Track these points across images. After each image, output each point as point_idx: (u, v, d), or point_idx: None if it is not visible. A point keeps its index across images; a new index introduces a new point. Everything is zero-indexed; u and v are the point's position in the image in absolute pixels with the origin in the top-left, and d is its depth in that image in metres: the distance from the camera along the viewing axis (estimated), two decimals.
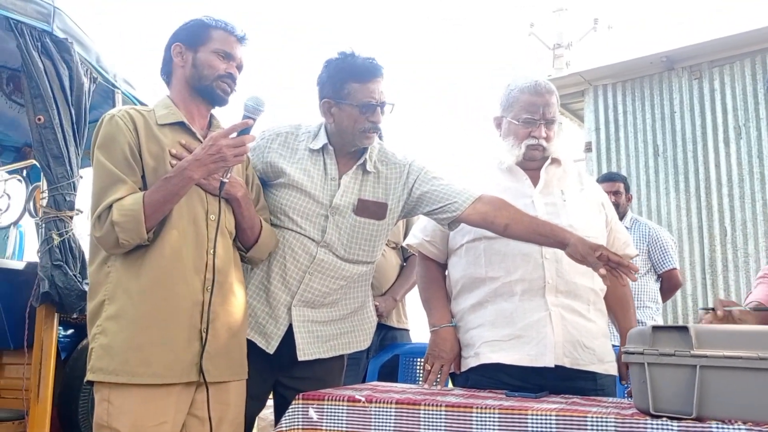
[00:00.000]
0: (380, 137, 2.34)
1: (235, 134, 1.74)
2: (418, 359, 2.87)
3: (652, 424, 1.33)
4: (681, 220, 5.93)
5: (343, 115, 2.06)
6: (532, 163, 2.13)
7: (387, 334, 2.93)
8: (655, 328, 1.42)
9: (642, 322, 3.52)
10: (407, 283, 2.99)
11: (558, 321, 1.93)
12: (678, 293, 5.72)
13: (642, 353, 1.40)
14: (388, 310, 2.89)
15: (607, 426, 1.37)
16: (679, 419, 1.32)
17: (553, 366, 1.90)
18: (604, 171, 6.32)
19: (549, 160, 2.14)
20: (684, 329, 1.38)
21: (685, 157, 5.98)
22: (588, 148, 6.57)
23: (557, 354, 1.90)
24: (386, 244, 2.71)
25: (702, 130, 5.89)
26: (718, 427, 1.28)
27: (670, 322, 5.84)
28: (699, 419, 1.31)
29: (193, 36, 1.92)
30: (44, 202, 2.82)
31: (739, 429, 1.26)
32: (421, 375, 2.85)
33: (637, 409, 1.43)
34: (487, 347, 1.96)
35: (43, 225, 2.80)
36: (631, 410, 1.44)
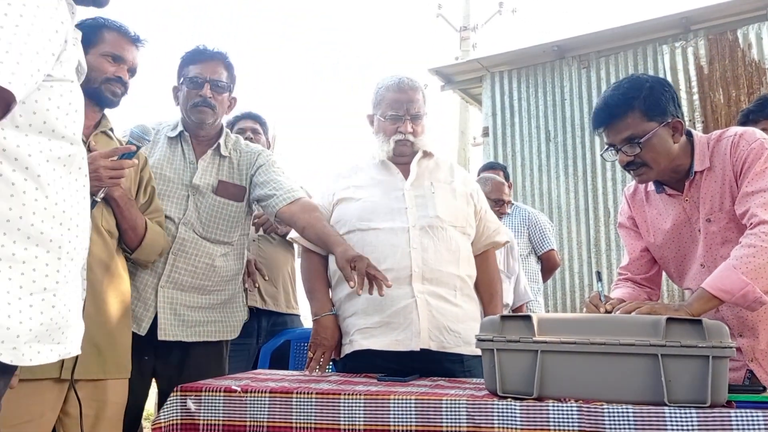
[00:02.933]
0: (231, 128, 2.64)
1: (116, 157, 1.76)
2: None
3: (498, 404, 1.47)
4: (570, 202, 6.26)
5: (182, 96, 2.33)
6: (404, 158, 2.27)
7: (278, 320, 2.99)
8: (504, 317, 1.55)
9: (526, 304, 3.74)
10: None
11: (424, 307, 2.06)
12: (565, 271, 6.08)
13: (492, 340, 1.53)
14: (265, 221, 2.98)
15: (459, 407, 1.49)
16: (521, 399, 1.47)
17: (419, 350, 2.03)
18: (500, 155, 6.58)
19: (420, 154, 2.28)
20: (528, 318, 1.52)
21: (573, 142, 6.31)
22: (485, 133, 6.81)
23: (423, 338, 2.04)
24: None
25: (590, 117, 6.14)
26: (554, 406, 1.43)
27: (558, 299, 6.19)
28: (539, 399, 1.46)
29: (84, 37, 1.90)
30: None
31: (571, 407, 1.41)
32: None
33: (488, 390, 1.57)
34: (359, 335, 2.08)
35: None
36: (484, 392, 1.58)
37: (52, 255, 1.15)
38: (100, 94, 1.93)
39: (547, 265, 3.91)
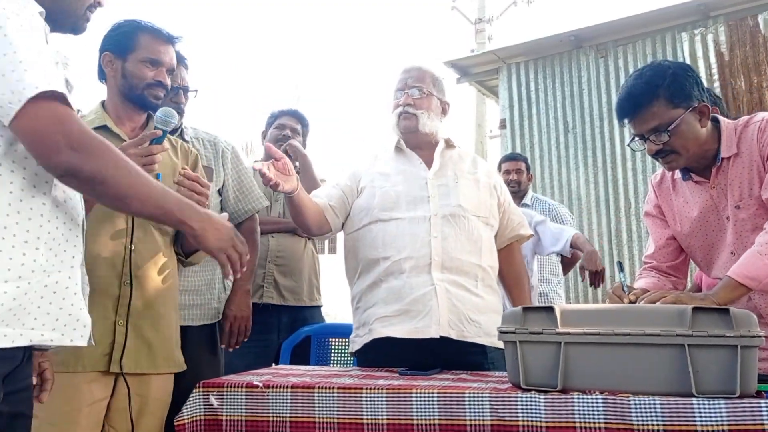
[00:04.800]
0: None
1: (146, 144, 1.77)
2: (330, 339, 2.96)
3: (522, 397, 1.45)
4: (589, 193, 6.21)
5: None
6: (413, 136, 2.28)
7: (298, 315, 2.99)
8: (526, 308, 1.54)
9: (545, 295, 3.71)
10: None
11: (443, 294, 2.05)
12: None
13: (514, 332, 1.52)
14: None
15: (482, 400, 1.48)
16: (546, 392, 1.45)
17: (438, 337, 2.01)
18: (518, 147, 6.54)
19: (442, 144, 2.29)
20: (551, 309, 1.51)
21: (593, 133, 6.25)
22: (503, 125, 6.77)
23: (442, 326, 2.02)
24: None
25: (608, 107, 6.14)
26: (579, 398, 1.41)
27: (579, 292, 6.14)
28: (563, 391, 1.44)
29: (120, 44, 1.97)
30: None
31: (597, 399, 1.39)
32: (334, 355, 2.94)
33: (511, 383, 1.55)
34: (378, 323, 2.08)
35: None
36: (507, 385, 1.57)
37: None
38: (144, 99, 1.97)
39: (568, 257, 3.86)
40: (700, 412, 1.31)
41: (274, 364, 2.84)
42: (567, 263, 3.88)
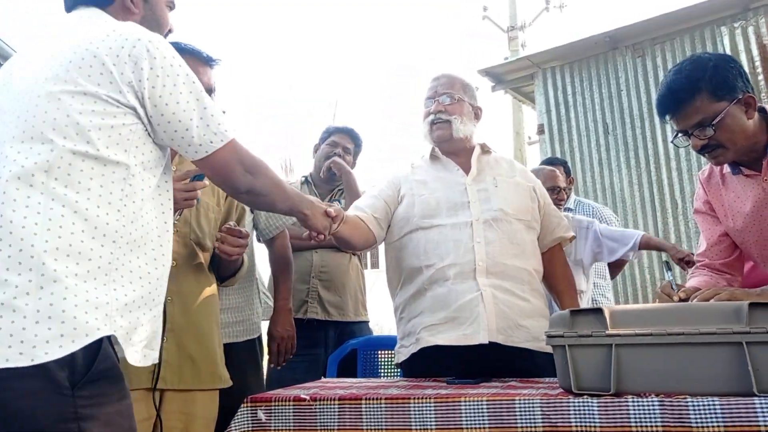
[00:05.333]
0: None
1: (188, 180, 1.81)
2: (378, 351, 2.94)
3: (574, 402, 1.41)
4: (634, 195, 6.08)
5: None
6: (447, 144, 2.27)
7: (345, 329, 2.99)
8: (573, 311, 1.50)
9: (595, 300, 3.64)
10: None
11: (490, 299, 2.02)
12: (634, 266, 5.89)
13: (562, 336, 1.48)
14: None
15: (533, 407, 1.44)
16: (599, 396, 1.41)
17: (487, 342, 1.98)
18: (558, 151, 6.46)
19: (478, 149, 2.28)
20: (599, 311, 1.47)
21: (633, 133, 6.13)
22: (540, 131, 6.70)
23: (491, 331, 1.99)
24: None
25: (648, 107, 6.03)
26: (633, 401, 1.36)
27: (629, 295, 6.01)
28: (617, 395, 1.40)
29: None
30: None
31: (653, 401, 1.35)
32: (381, 367, 2.93)
33: (562, 388, 1.51)
34: (425, 332, 2.05)
35: None
36: (558, 390, 1.53)
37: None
38: None
39: (616, 261, 3.78)
40: (763, 412, 1.26)
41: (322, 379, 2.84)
42: (615, 266, 3.79)
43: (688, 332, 1.38)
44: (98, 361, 1.19)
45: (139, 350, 1.30)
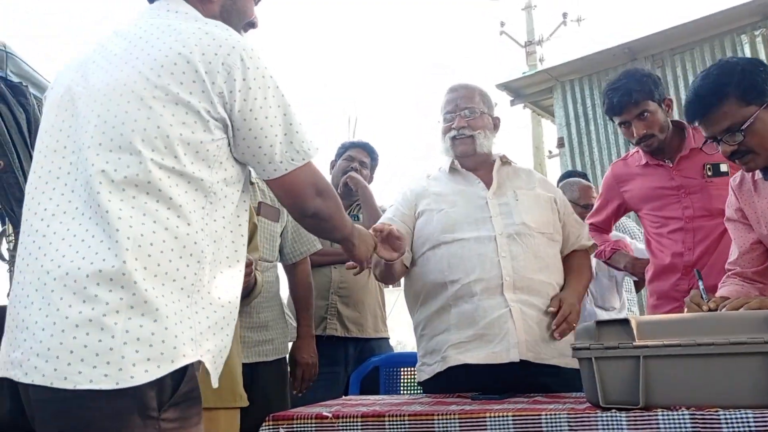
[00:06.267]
0: None
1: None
2: (402, 369, 2.91)
3: (602, 416, 1.38)
4: None
5: None
6: (471, 159, 2.24)
7: (365, 346, 2.97)
8: (599, 323, 1.47)
9: (618, 310, 3.57)
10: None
11: (519, 316, 1.98)
12: None
13: (589, 348, 1.45)
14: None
15: (560, 422, 1.41)
16: (627, 410, 1.37)
17: (518, 360, 1.94)
18: (578, 164, 6.40)
19: (499, 162, 2.24)
20: (626, 322, 1.43)
21: None
22: (561, 144, 6.65)
23: (521, 349, 1.95)
24: None
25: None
26: (663, 414, 1.32)
27: None
28: (646, 408, 1.36)
29: None
30: (11, 245, 2.84)
31: (683, 414, 1.31)
32: (403, 384, 2.90)
33: (589, 402, 1.48)
34: (453, 350, 2.01)
35: (12, 269, 2.81)
36: (585, 405, 1.49)
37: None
38: None
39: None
40: None
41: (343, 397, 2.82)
42: (640, 280, 3.73)
43: (718, 342, 1.34)
44: (184, 383, 1.16)
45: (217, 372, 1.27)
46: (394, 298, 6.08)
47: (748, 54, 5.58)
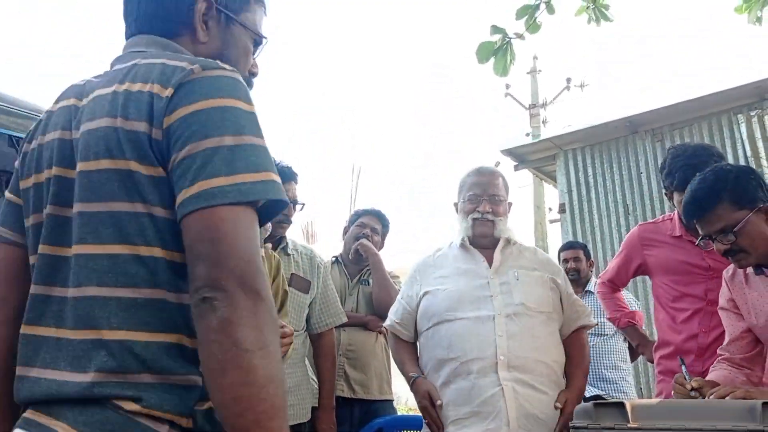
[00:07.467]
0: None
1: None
2: None
3: None
4: None
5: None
6: (485, 240, 2.37)
7: (370, 408, 3.05)
8: (597, 404, 1.60)
9: (615, 383, 3.67)
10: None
11: (510, 395, 2.08)
12: None
13: (587, 428, 1.57)
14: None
15: None
16: None
17: None
18: (579, 231, 6.56)
19: (503, 242, 2.37)
20: (621, 405, 1.56)
21: (654, 215, 6.22)
22: (562, 209, 6.83)
23: (512, 426, 2.05)
24: None
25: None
26: None
27: (650, 376, 5.97)
28: None
29: None
30: None
31: None
32: None
33: None
34: (453, 426, 2.12)
35: None
36: None
37: None
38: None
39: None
40: None
41: None
42: (634, 349, 3.84)
43: (705, 428, 1.47)
44: None
45: None
46: None
47: (744, 132, 5.81)
